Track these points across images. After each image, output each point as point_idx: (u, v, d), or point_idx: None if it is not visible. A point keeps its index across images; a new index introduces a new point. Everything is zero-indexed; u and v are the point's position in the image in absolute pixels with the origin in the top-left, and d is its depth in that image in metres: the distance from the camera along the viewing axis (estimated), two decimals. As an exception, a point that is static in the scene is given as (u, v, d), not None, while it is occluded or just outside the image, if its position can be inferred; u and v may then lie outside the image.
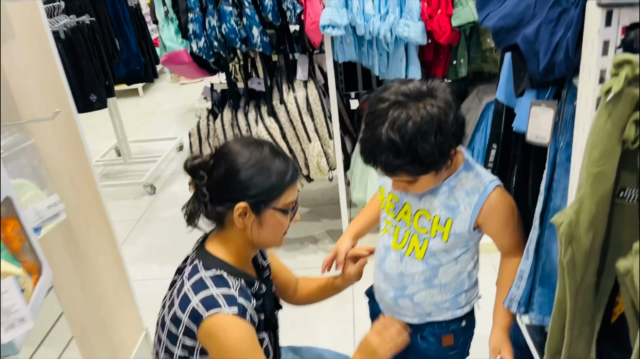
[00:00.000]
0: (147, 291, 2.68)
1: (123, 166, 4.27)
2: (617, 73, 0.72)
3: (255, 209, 1.17)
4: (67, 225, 1.59)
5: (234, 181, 1.16)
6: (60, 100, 1.62)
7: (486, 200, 1.16)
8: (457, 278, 1.26)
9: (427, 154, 1.03)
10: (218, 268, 1.19)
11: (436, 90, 1.06)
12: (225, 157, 1.18)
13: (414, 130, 1.01)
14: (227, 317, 1.12)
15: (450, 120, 1.04)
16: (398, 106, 1.03)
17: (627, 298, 0.83)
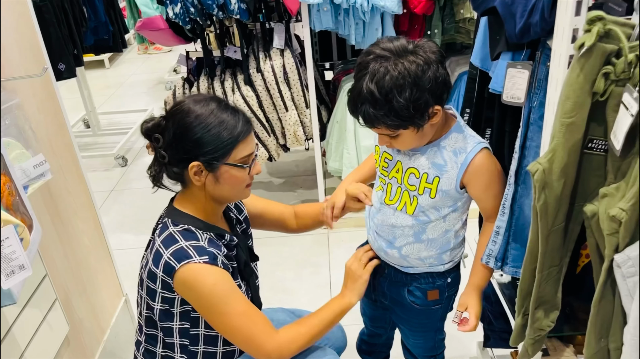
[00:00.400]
0: (124, 260, 2.68)
1: (92, 138, 4.20)
2: (589, 29, 0.78)
3: (208, 167, 1.19)
4: (47, 189, 1.59)
5: (183, 141, 1.18)
6: (39, 61, 1.60)
7: (472, 160, 1.20)
8: (444, 235, 1.32)
9: (401, 107, 1.07)
10: (186, 224, 1.23)
11: (420, 48, 1.10)
12: (174, 117, 1.19)
13: (390, 83, 1.06)
14: (198, 266, 1.16)
15: (427, 76, 1.07)
16: (380, 60, 1.08)
17: (592, 240, 0.91)
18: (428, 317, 1.45)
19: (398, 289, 1.41)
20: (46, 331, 1.48)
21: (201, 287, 1.17)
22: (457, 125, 1.24)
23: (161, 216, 1.33)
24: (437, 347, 1.54)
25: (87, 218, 1.85)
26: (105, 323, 1.93)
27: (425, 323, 1.46)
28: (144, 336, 1.33)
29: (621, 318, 0.85)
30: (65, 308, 1.62)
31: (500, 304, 1.55)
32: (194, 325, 1.27)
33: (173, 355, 1.30)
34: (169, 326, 1.26)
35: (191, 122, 1.17)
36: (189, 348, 1.29)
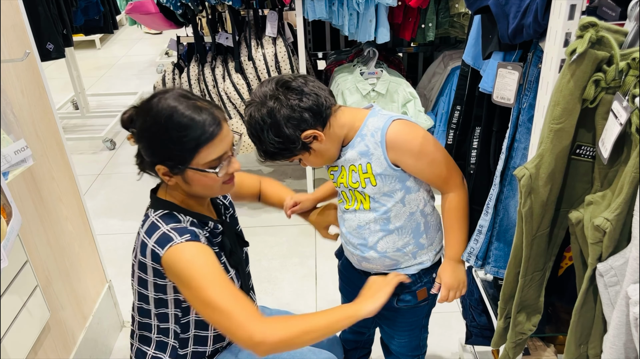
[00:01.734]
0: (109, 246, 2.67)
1: (81, 119, 4.15)
2: (582, 35, 0.77)
3: (173, 171, 1.15)
4: (30, 174, 1.56)
5: (144, 144, 1.15)
6: (23, 43, 1.56)
7: (386, 134, 1.21)
8: (410, 218, 1.30)
9: (272, 145, 1.19)
10: (168, 209, 1.21)
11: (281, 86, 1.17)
12: (140, 115, 1.15)
13: (253, 127, 1.19)
14: (180, 245, 1.13)
15: (281, 114, 1.15)
16: (249, 106, 1.20)
17: (576, 246, 0.91)
18: (415, 314, 1.45)
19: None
20: (26, 317, 1.47)
21: (183, 263, 1.12)
22: (372, 111, 1.26)
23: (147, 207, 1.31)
24: (422, 346, 1.55)
25: (71, 203, 1.83)
26: (88, 309, 1.92)
27: (412, 321, 1.47)
28: (137, 324, 1.32)
29: (601, 326, 0.86)
30: (47, 295, 1.61)
31: (483, 301, 1.55)
32: (185, 313, 1.26)
33: (167, 341, 1.29)
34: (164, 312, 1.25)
35: (150, 126, 1.12)
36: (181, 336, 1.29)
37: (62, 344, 1.71)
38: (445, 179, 1.27)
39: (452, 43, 2.91)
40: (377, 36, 2.39)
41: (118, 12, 4.06)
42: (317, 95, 1.18)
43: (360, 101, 2.50)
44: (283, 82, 1.18)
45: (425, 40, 2.50)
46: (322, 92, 1.19)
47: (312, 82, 1.20)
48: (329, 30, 3.17)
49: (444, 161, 1.27)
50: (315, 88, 1.19)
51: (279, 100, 1.16)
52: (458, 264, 1.34)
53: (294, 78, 1.19)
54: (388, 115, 1.25)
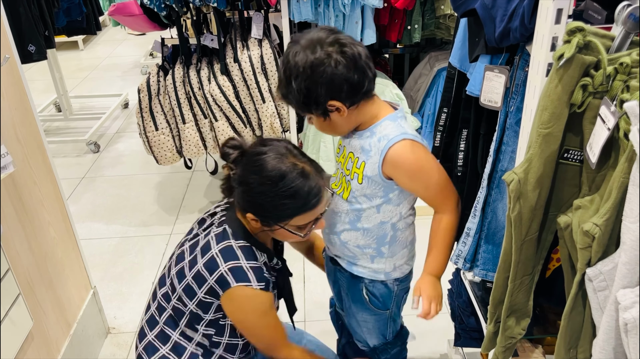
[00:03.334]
0: (93, 250, 2.64)
1: (64, 122, 4.09)
2: (569, 40, 0.77)
3: (264, 223, 1.21)
4: (11, 179, 1.53)
5: (244, 195, 1.19)
6: (3, 46, 1.53)
7: (389, 149, 1.18)
8: (379, 226, 1.30)
9: (294, 94, 1.14)
10: (246, 240, 1.23)
11: (336, 46, 1.11)
12: (245, 164, 1.19)
13: (289, 69, 1.13)
14: (254, 291, 1.19)
15: (322, 71, 1.10)
16: (294, 45, 1.13)
17: (564, 250, 0.91)
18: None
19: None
20: (8, 327, 1.44)
21: (250, 307, 1.22)
22: (393, 115, 1.23)
23: (219, 214, 1.31)
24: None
25: (53, 208, 1.79)
26: (72, 316, 1.88)
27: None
28: (164, 319, 1.32)
29: (591, 330, 0.86)
30: (29, 303, 1.57)
31: (471, 303, 1.55)
32: (218, 333, 1.29)
33: (186, 346, 1.31)
34: (195, 328, 1.29)
35: (255, 186, 1.16)
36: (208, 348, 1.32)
37: (45, 353, 1.67)
38: (439, 202, 1.27)
39: (437, 44, 2.92)
40: (364, 38, 2.39)
41: (101, 12, 4.01)
42: (365, 75, 1.14)
43: (347, 103, 2.49)
44: (341, 43, 1.12)
45: (412, 41, 2.51)
46: (369, 73, 1.15)
47: (364, 59, 1.14)
48: (315, 32, 3.16)
49: (441, 185, 1.25)
50: (365, 66, 1.14)
51: (329, 58, 1.10)
52: (437, 280, 1.33)
53: (353, 44, 1.13)
54: (402, 128, 1.21)
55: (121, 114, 4.29)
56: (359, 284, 1.39)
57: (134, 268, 2.54)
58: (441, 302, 1.32)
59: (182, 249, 1.31)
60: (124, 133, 3.98)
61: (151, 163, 3.36)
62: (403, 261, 1.38)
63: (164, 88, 2.56)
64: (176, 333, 1.31)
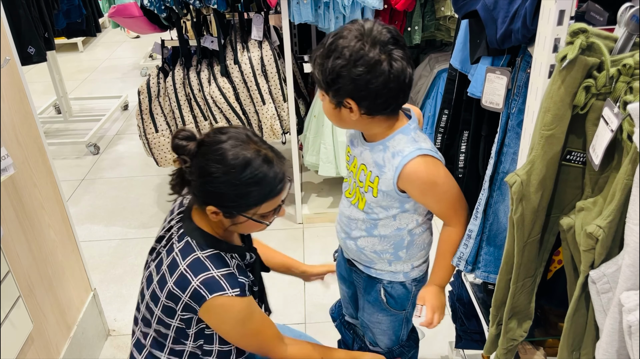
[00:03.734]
0: (93, 252, 2.63)
1: (64, 124, 4.09)
2: (572, 42, 0.77)
3: (227, 214, 1.16)
4: (11, 181, 1.52)
5: (204, 187, 1.13)
6: (3, 48, 1.52)
7: (405, 166, 1.17)
8: (396, 232, 1.31)
9: (326, 68, 1.09)
10: (212, 246, 1.18)
11: (393, 52, 1.08)
12: (205, 155, 1.12)
13: (339, 47, 1.07)
14: (230, 298, 1.14)
15: (360, 71, 1.06)
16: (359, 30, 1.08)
17: (567, 252, 0.90)
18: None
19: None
20: (8, 329, 1.43)
21: (230, 317, 1.17)
22: (406, 127, 1.21)
23: (175, 226, 1.26)
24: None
25: (53, 210, 1.79)
26: (72, 318, 1.88)
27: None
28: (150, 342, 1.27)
29: (594, 332, 0.85)
30: (29, 305, 1.57)
31: (472, 305, 1.55)
32: (208, 342, 1.25)
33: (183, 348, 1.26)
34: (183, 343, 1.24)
35: (219, 175, 1.10)
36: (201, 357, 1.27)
37: (45, 355, 1.67)
38: (449, 216, 1.27)
39: (437, 46, 2.92)
40: (364, 39, 2.39)
41: (101, 14, 4.01)
42: (396, 98, 1.12)
43: (347, 104, 2.49)
44: (394, 58, 1.08)
45: (412, 43, 2.50)
46: (400, 99, 1.13)
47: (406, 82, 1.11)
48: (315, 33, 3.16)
49: (453, 200, 1.25)
50: (401, 90, 1.11)
51: (376, 65, 1.06)
52: (442, 290, 1.35)
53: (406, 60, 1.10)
54: (416, 143, 1.19)
55: (121, 116, 4.28)
56: (376, 285, 1.40)
57: (134, 270, 2.54)
58: (444, 312, 1.34)
59: (149, 270, 1.26)
60: (123, 135, 3.97)
61: (151, 165, 3.35)
62: (421, 261, 1.40)
63: (164, 90, 2.56)
64: (165, 354, 1.25)
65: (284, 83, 2.52)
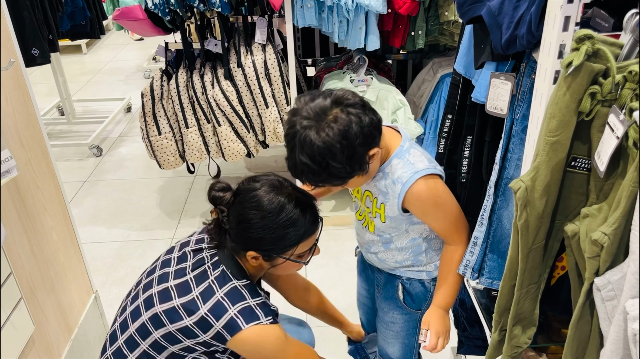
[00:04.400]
0: (95, 254, 2.63)
1: (67, 126, 4.09)
2: (578, 48, 0.77)
3: (266, 258, 1.21)
4: (14, 183, 1.52)
5: (244, 234, 1.18)
6: (8, 50, 1.53)
7: (407, 192, 1.20)
8: (412, 242, 1.34)
9: (339, 170, 1.09)
10: (246, 278, 1.23)
11: (339, 104, 1.09)
12: (241, 205, 1.18)
13: (320, 152, 1.06)
14: (266, 327, 1.16)
15: (353, 133, 1.07)
16: (305, 129, 1.07)
17: (571, 259, 0.90)
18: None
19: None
20: (10, 331, 1.43)
21: (268, 345, 1.18)
22: (399, 150, 1.22)
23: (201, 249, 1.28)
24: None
25: (56, 213, 1.79)
26: (74, 321, 1.88)
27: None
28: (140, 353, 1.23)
29: (598, 340, 0.85)
30: (31, 307, 1.57)
31: (475, 311, 1.54)
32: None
33: None
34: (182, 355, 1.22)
35: (256, 222, 1.16)
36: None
37: (46, 358, 1.66)
38: (450, 235, 1.29)
39: (441, 50, 2.92)
40: (367, 43, 2.39)
41: (105, 17, 4.02)
42: (374, 110, 1.13)
43: (350, 108, 2.49)
44: (338, 97, 1.09)
45: (415, 47, 2.50)
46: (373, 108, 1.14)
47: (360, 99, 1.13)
48: (319, 37, 3.16)
49: (453, 219, 1.27)
50: (367, 105, 1.13)
51: (348, 114, 1.07)
52: (446, 313, 1.34)
53: (342, 91, 1.12)
54: (412, 166, 1.20)
55: (124, 118, 4.29)
56: (395, 280, 1.41)
57: (136, 272, 2.54)
58: (449, 336, 1.35)
59: (166, 286, 1.23)
60: (126, 137, 3.98)
61: (153, 167, 3.36)
62: None
63: (167, 93, 2.57)
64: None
65: (287, 87, 2.52)
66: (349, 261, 2.55)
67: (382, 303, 1.48)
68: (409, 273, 1.39)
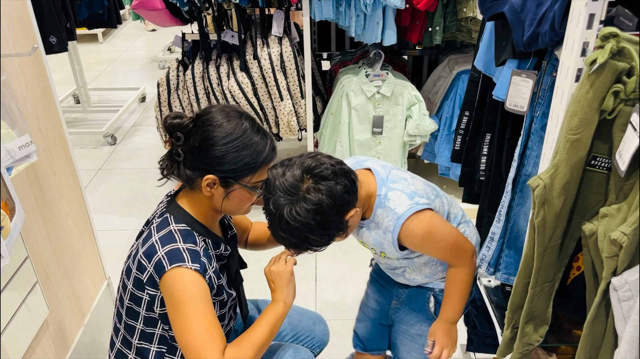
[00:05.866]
0: (108, 242, 2.66)
1: (82, 114, 4.13)
2: (602, 46, 0.76)
3: (223, 183, 1.20)
4: (33, 168, 1.54)
5: (207, 153, 1.17)
6: (29, 36, 1.54)
7: (398, 238, 1.22)
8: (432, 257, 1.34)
9: (319, 240, 1.13)
10: (188, 224, 1.23)
11: (314, 173, 1.10)
12: (203, 125, 1.18)
13: (298, 229, 1.09)
14: (187, 270, 1.15)
15: (326, 206, 1.08)
16: (279, 208, 1.09)
17: (587, 259, 0.90)
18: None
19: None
20: (25, 314, 1.45)
21: (181, 291, 1.15)
22: (378, 200, 1.22)
23: (160, 209, 1.31)
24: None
25: (72, 199, 1.81)
26: (87, 306, 1.90)
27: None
28: (123, 324, 1.31)
29: (612, 340, 0.85)
30: (46, 291, 1.59)
31: (486, 309, 1.54)
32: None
33: (149, 347, 1.28)
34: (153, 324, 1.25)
35: (219, 139, 1.16)
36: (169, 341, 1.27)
37: (60, 342, 1.69)
38: (452, 259, 1.29)
39: (457, 47, 2.90)
40: (384, 38, 2.38)
41: (122, 6, 4.04)
42: (347, 171, 1.14)
43: (365, 103, 2.49)
44: (309, 167, 1.11)
45: (432, 43, 2.49)
46: (346, 166, 1.16)
47: (330, 158, 1.16)
48: (335, 31, 3.16)
49: (451, 245, 1.26)
50: (339, 163, 1.15)
51: (318, 191, 1.08)
52: (453, 326, 1.35)
53: (314, 159, 1.13)
54: (393, 212, 1.20)
55: (138, 108, 4.32)
56: (425, 293, 1.41)
57: (148, 260, 2.56)
58: (455, 347, 1.36)
59: (130, 252, 1.30)
60: (140, 126, 4.01)
61: (167, 158, 3.38)
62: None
63: (183, 83, 2.58)
64: (135, 339, 1.27)
65: (303, 80, 2.52)
66: (359, 256, 2.55)
67: (406, 316, 1.46)
68: (443, 284, 1.37)
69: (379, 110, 2.52)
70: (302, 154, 1.18)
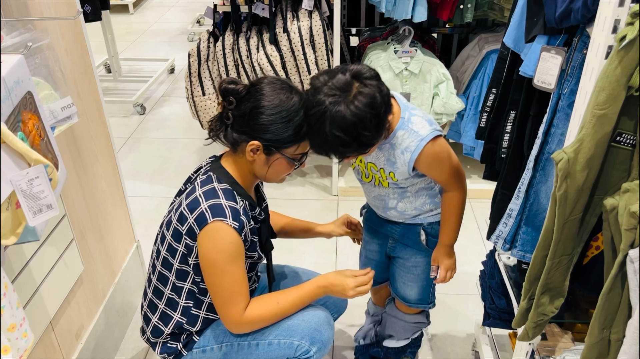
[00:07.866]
0: (136, 208, 2.73)
1: (113, 83, 4.21)
2: (632, 22, 0.77)
3: (266, 150, 1.27)
4: (71, 132, 1.61)
5: (255, 120, 1.24)
6: (69, 2, 1.59)
7: (417, 157, 1.32)
8: (426, 186, 1.45)
9: (369, 138, 1.21)
10: (230, 184, 1.30)
11: (359, 76, 1.17)
12: (256, 94, 1.25)
13: (353, 123, 1.16)
14: (227, 226, 1.23)
15: (378, 102, 1.17)
16: (334, 104, 1.15)
17: (607, 233, 0.92)
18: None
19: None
20: (62, 268, 1.53)
21: (217, 242, 1.24)
22: (401, 122, 1.32)
23: (204, 168, 1.39)
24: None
25: (106, 163, 1.88)
26: (117, 266, 1.99)
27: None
28: (157, 274, 1.40)
29: (626, 311, 0.87)
30: (81, 249, 1.67)
31: (504, 285, 1.57)
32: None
33: (178, 300, 1.37)
34: (185, 275, 1.33)
35: (267, 109, 1.23)
36: (197, 295, 1.35)
37: (92, 297, 1.78)
38: (451, 183, 1.41)
39: (489, 26, 2.87)
40: (414, 14, 2.37)
41: (154, -23, 4.07)
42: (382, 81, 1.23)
43: (393, 79, 2.49)
44: (356, 71, 1.18)
45: (463, 21, 2.47)
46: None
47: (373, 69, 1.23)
48: (365, 6, 3.15)
49: (455, 168, 1.39)
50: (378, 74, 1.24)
51: (371, 86, 1.17)
52: (452, 249, 1.50)
53: (358, 66, 1.21)
54: (417, 134, 1.31)
55: (167, 79, 4.38)
56: (415, 228, 1.51)
57: (174, 227, 2.64)
58: (455, 268, 1.52)
59: (171, 208, 1.40)
60: (168, 97, 4.07)
61: (194, 128, 3.44)
62: None
63: (213, 55, 2.62)
64: (168, 289, 1.38)
65: (331, 55, 2.53)
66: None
67: (401, 251, 1.58)
68: (430, 218, 1.50)
69: (406, 87, 2.52)
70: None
